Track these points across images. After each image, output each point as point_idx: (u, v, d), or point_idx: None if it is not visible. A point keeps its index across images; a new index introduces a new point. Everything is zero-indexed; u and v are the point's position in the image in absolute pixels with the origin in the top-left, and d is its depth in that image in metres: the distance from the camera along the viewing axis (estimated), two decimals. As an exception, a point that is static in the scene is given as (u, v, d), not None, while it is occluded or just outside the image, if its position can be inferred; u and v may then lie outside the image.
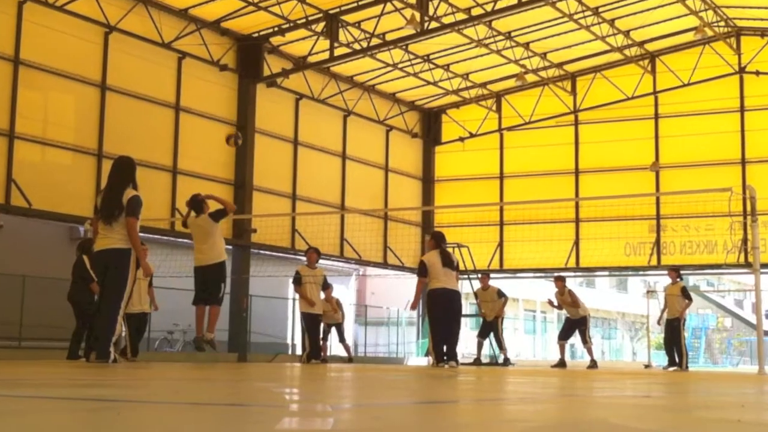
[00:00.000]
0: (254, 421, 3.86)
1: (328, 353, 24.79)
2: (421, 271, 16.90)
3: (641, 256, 32.66)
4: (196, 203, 15.87)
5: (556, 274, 26.41)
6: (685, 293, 23.24)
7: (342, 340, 25.41)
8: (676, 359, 23.27)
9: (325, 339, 24.70)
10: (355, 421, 3.98)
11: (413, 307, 18.69)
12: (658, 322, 26.25)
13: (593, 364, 23.62)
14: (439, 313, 16.57)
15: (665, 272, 24.75)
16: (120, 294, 11.73)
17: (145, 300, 17.96)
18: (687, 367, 23.21)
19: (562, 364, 23.85)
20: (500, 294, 25.57)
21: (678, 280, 23.79)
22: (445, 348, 16.56)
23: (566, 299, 23.90)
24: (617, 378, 12.93)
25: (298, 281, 20.57)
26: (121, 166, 12.20)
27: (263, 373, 11.08)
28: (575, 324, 24.18)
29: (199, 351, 15.96)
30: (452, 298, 16.66)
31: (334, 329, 24.86)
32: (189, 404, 4.86)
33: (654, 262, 32.16)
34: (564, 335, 24.73)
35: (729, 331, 71.29)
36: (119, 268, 11.75)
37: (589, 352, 24.40)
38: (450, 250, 17.40)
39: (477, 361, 25.86)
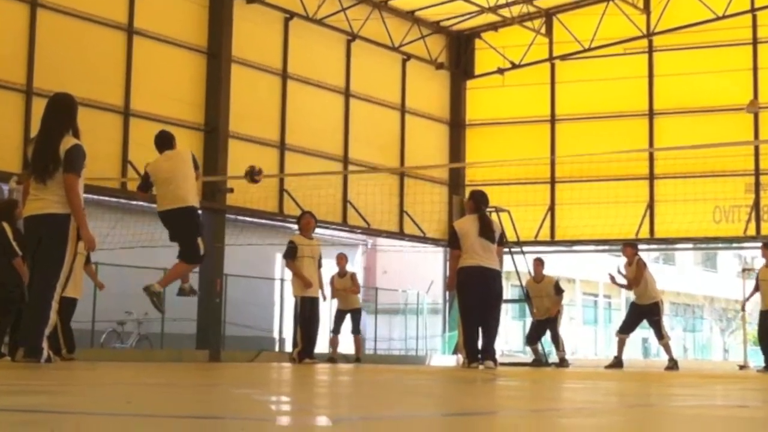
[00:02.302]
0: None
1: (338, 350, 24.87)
2: (452, 241, 16.85)
3: (735, 224, 32.59)
4: (165, 138, 15.87)
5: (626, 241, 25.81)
6: None
7: (357, 330, 25.22)
8: None
9: (337, 330, 24.70)
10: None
11: (450, 287, 18.46)
12: (743, 308, 26.16)
13: (673, 365, 23.33)
14: (472, 299, 16.54)
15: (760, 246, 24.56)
16: (56, 273, 11.66)
17: (79, 282, 18.02)
18: None
19: (618, 363, 23.55)
20: (558, 289, 25.35)
21: None
22: (480, 343, 16.57)
23: (630, 273, 23.57)
24: (704, 382, 12.94)
25: (292, 254, 20.55)
26: (57, 106, 12.13)
27: (242, 376, 11.12)
28: (644, 312, 23.71)
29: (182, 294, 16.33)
30: (490, 278, 16.58)
31: (348, 316, 24.74)
32: (145, 417, 4.86)
33: (752, 231, 32.08)
34: (627, 327, 24.18)
35: None
36: (55, 238, 11.68)
37: (666, 348, 23.98)
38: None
39: (537, 362, 25.67)
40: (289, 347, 24.76)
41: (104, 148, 24.89)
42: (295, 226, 22.27)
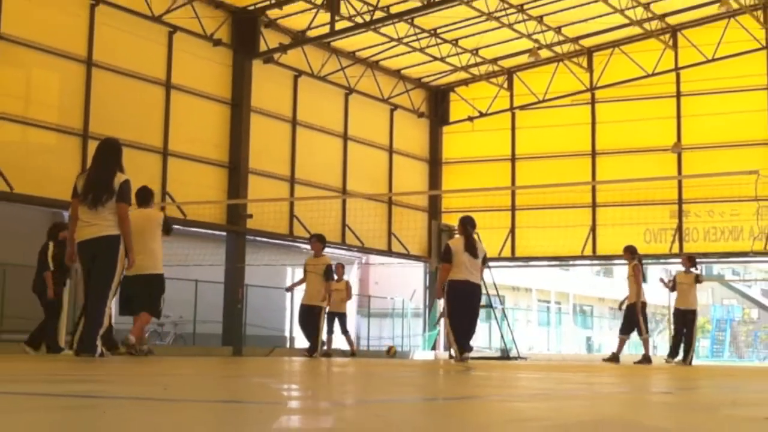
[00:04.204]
0: (251, 419, 3.83)
1: (333, 346, 24.62)
2: (445, 255, 16.48)
3: (662, 244, 32.62)
4: (145, 195, 15.31)
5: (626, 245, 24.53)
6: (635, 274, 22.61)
7: (345, 331, 24.79)
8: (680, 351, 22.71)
9: (330, 330, 24.40)
10: (356, 420, 3.96)
11: (438, 296, 18.14)
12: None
13: (613, 357, 22.56)
14: (460, 307, 16.34)
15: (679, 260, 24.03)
16: (109, 284, 11.72)
17: None
18: (686, 360, 22.52)
19: (646, 359, 22.17)
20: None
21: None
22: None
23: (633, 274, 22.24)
24: (637, 372, 12.92)
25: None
26: (110, 148, 12.16)
27: (260, 368, 11.07)
28: (630, 312, 22.27)
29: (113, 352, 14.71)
30: (475, 291, 16.45)
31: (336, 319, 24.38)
32: (181, 401, 4.83)
33: (676, 249, 32.07)
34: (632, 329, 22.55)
35: (756, 323, 71.34)
36: (108, 256, 11.71)
37: (621, 344, 22.85)
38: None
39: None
40: (299, 344, 24.54)
41: (146, 182, 24.64)
42: (303, 246, 22.06)
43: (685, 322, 22.54)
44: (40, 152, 23.48)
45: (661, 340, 65.79)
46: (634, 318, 22.10)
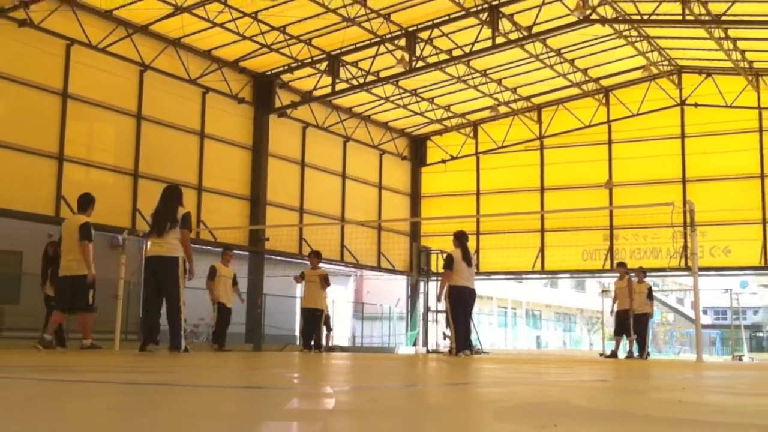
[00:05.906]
0: (269, 401, 3.85)
1: (330, 343, 24.49)
2: (448, 263, 15.90)
3: (597, 261, 32.66)
4: (83, 200, 14.13)
5: (618, 261, 23.31)
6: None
7: (329, 329, 23.85)
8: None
9: (329, 329, 24.14)
10: (353, 402, 3.97)
11: (439, 297, 17.41)
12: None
13: (635, 355, 21.64)
14: (461, 308, 16.10)
15: (617, 274, 23.99)
16: (179, 296, 12.23)
17: (230, 296, 18.16)
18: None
19: (628, 355, 21.84)
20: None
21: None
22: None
23: (623, 286, 21.49)
24: (576, 365, 12.91)
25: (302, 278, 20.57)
26: (173, 191, 12.71)
27: (275, 361, 11.06)
28: (636, 318, 21.58)
29: (45, 348, 13.30)
30: (473, 294, 16.19)
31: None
32: (212, 387, 4.84)
33: (608, 266, 32.09)
34: (624, 330, 21.68)
35: (672, 325, 71.50)
36: (171, 274, 12.24)
37: (630, 343, 21.91)
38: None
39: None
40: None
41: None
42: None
43: (639, 323, 22.03)
44: (99, 188, 23.30)
45: (596, 338, 65.86)
46: (627, 321, 21.52)
